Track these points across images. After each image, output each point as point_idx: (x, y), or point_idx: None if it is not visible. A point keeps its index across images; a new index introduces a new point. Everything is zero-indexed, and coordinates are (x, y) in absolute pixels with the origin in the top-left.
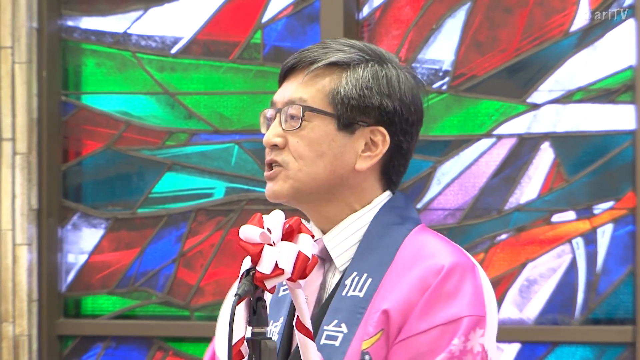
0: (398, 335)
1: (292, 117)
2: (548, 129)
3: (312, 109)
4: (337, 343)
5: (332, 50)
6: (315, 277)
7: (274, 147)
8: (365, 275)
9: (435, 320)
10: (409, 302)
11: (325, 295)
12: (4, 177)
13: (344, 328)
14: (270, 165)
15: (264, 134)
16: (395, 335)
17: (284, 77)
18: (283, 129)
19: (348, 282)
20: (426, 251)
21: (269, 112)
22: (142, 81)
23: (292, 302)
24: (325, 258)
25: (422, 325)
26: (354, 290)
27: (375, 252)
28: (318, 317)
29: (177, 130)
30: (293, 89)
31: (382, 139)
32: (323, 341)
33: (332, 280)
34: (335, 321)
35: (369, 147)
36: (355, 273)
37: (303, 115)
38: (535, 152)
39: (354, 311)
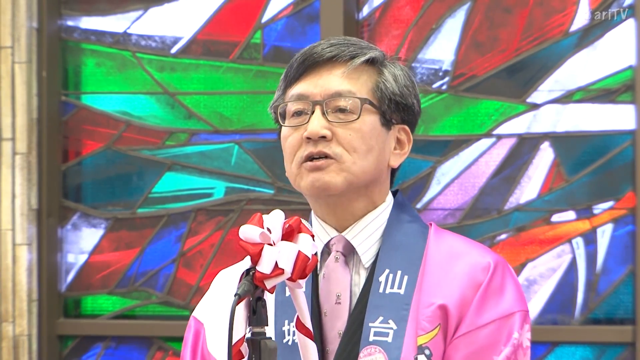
0: (457, 330)
1: (342, 109)
2: (548, 129)
3: (370, 103)
4: (389, 339)
5: (359, 46)
6: (343, 274)
7: (321, 138)
8: (399, 272)
9: (491, 315)
10: (463, 297)
11: (358, 292)
12: (4, 177)
13: (392, 324)
14: (310, 158)
15: (290, 127)
16: (453, 330)
17: (303, 71)
18: (329, 121)
19: (382, 279)
20: (459, 249)
21: (297, 105)
22: (142, 81)
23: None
24: (346, 255)
25: (480, 320)
26: (392, 287)
27: (402, 249)
28: (359, 314)
29: (177, 130)
30: (335, 82)
31: (407, 138)
32: (373, 337)
33: (359, 276)
34: (381, 318)
35: (397, 145)
36: (387, 270)
37: (361, 108)
38: (535, 152)
39: (398, 308)
